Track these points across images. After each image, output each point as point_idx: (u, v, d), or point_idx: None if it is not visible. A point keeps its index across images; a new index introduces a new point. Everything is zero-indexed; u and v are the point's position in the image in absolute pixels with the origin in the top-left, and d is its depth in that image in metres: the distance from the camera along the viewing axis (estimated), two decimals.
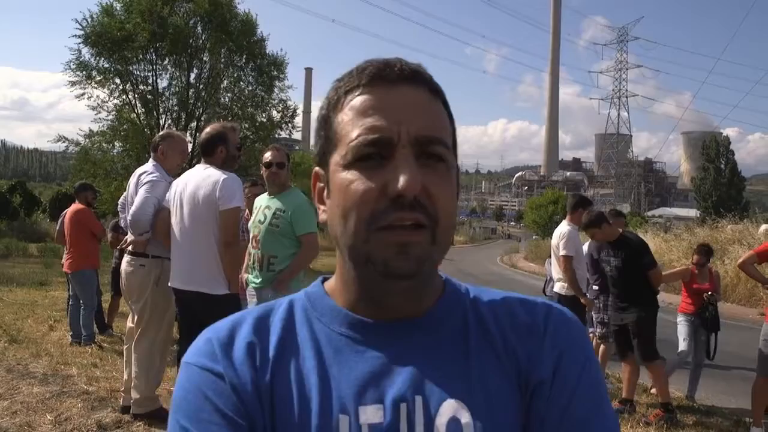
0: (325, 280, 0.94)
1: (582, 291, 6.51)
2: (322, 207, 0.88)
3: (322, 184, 0.88)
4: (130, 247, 4.65)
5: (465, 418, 0.78)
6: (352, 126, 0.81)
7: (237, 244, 4.13)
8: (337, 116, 0.84)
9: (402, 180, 0.76)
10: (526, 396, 0.82)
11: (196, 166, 4.34)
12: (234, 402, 0.79)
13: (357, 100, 0.82)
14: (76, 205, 7.84)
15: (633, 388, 6.21)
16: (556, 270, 6.79)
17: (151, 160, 4.80)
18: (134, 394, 4.53)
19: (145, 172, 4.64)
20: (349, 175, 0.80)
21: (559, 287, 6.73)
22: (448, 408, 0.79)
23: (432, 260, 0.80)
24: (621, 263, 5.98)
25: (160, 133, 5.08)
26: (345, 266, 0.86)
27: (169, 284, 4.27)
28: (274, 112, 26.48)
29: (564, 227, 6.64)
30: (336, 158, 0.83)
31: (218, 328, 0.86)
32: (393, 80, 0.82)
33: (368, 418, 0.78)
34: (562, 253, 6.43)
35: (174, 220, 4.22)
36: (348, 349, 0.83)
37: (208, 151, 4.26)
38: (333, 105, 0.85)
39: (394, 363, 0.82)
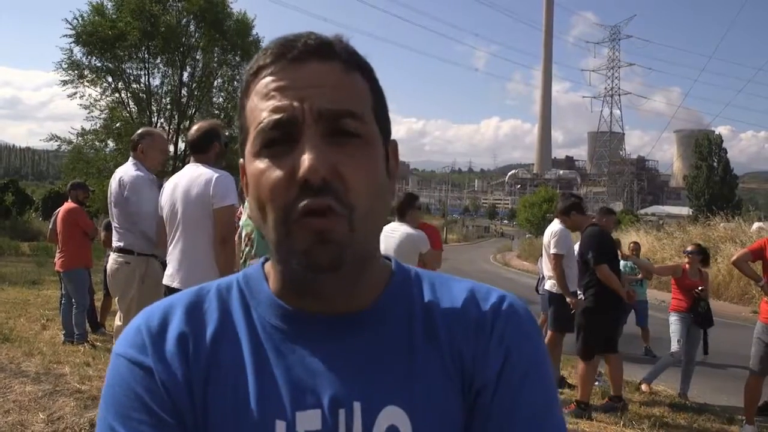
0: (267, 260, 0.88)
1: (569, 290, 6.52)
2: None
3: (245, 177, 0.82)
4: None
5: (404, 425, 0.75)
6: (258, 110, 0.76)
7: (233, 241, 4.10)
8: (246, 102, 0.79)
9: (304, 163, 0.71)
10: (470, 398, 0.78)
11: (187, 165, 4.29)
12: (164, 399, 0.74)
13: (261, 82, 0.77)
14: (68, 204, 7.81)
15: (619, 383, 6.18)
16: (547, 267, 6.82)
17: (131, 159, 4.77)
18: None
19: (127, 174, 4.62)
20: (259, 163, 0.75)
21: (549, 285, 6.77)
22: (388, 415, 0.75)
23: (354, 249, 0.74)
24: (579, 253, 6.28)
25: (139, 131, 4.97)
26: (272, 256, 0.81)
27: (163, 282, 4.24)
28: None
29: (556, 226, 6.65)
30: (248, 147, 0.78)
31: (150, 315, 0.81)
32: (296, 57, 0.76)
33: (305, 425, 0.74)
34: (552, 251, 6.46)
35: (167, 220, 4.20)
36: (284, 346, 0.78)
37: (201, 148, 4.21)
38: (243, 91, 0.80)
39: (331, 362, 0.77)
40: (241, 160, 0.82)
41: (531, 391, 0.78)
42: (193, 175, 4.10)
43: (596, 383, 6.88)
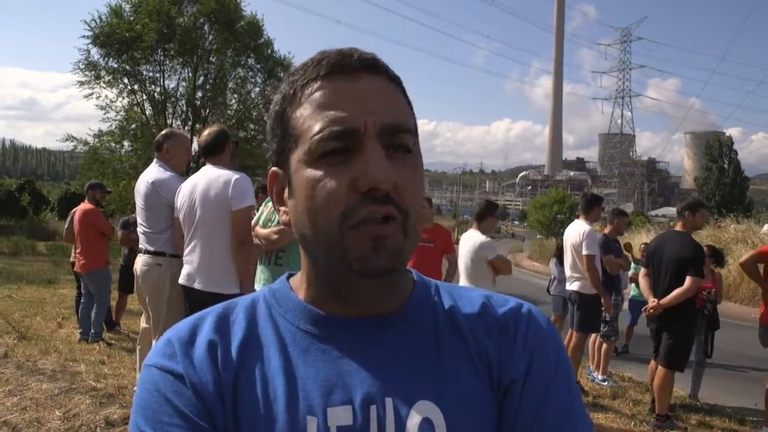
0: (291, 275, 0.92)
1: (605, 291, 6.53)
2: (282, 208, 0.85)
3: (281, 185, 0.84)
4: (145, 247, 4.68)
5: (437, 419, 0.76)
6: (313, 120, 0.76)
7: (251, 242, 4.10)
8: (296, 111, 0.79)
9: (374, 173, 0.73)
10: (499, 396, 0.81)
11: (204, 167, 4.33)
12: (194, 403, 0.76)
13: (317, 92, 0.78)
14: (84, 204, 7.83)
15: (666, 398, 5.73)
16: (573, 268, 6.75)
17: (155, 160, 4.80)
18: None
19: (158, 176, 4.64)
20: (314, 172, 0.76)
21: (578, 286, 6.67)
22: (420, 409, 0.77)
23: (406, 253, 0.77)
24: None
25: (163, 132, 5.03)
26: (311, 264, 0.83)
27: (180, 282, 4.29)
28: None
29: (584, 226, 6.62)
30: (298, 155, 0.78)
31: (179, 328, 0.83)
32: (353, 70, 0.78)
33: (337, 420, 0.75)
34: (585, 252, 6.42)
35: (185, 221, 4.23)
36: (314, 348, 0.80)
37: (215, 151, 4.25)
38: (289, 99, 0.81)
39: (362, 361, 0.79)
40: (274, 168, 0.85)
41: (558, 391, 0.82)
42: (212, 176, 4.14)
43: (605, 383, 6.90)
